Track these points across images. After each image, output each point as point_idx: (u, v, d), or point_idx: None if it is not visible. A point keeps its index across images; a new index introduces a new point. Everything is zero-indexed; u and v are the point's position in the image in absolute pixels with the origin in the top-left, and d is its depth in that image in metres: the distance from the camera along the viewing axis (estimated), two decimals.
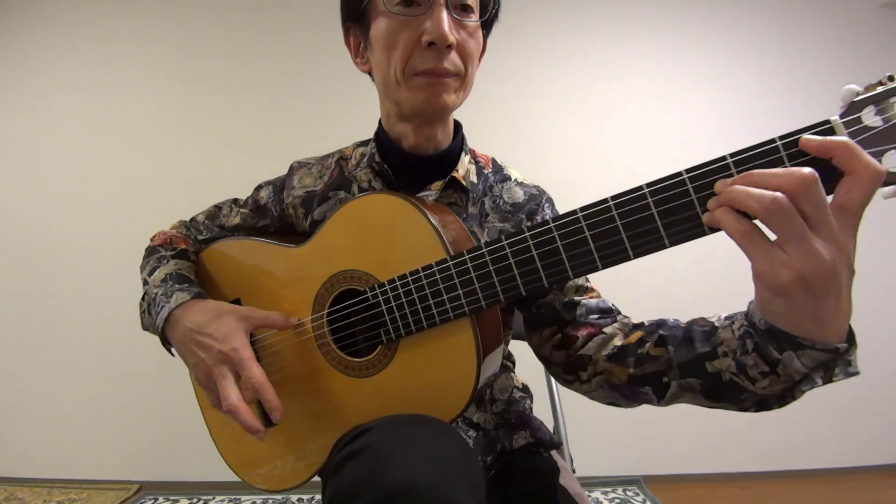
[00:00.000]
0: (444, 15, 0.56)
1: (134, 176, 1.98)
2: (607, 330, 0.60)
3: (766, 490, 1.69)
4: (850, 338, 0.40)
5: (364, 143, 0.75)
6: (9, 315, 2.01)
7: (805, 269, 0.36)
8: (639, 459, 1.78)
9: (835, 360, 0.40)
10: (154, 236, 0.79)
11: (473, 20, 0.60)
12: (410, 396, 0.56)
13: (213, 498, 1.77)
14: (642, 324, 0.58)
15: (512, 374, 0.77)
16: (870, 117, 0.37)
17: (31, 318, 1.99)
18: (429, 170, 0.68)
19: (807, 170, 0.35)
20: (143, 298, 0.70)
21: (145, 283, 0.70)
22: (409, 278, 0.54)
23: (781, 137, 0.38)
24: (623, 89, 1.87)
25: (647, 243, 0.43)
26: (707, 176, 0.40)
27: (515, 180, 0.74)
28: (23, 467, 1.97)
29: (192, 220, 0.80)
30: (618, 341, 0.58)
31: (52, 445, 1.97)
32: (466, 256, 0.51)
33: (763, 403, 0.48)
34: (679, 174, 0.41)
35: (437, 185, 0.67)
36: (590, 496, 1.44)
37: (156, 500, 1.79)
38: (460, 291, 0.51)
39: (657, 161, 1.84)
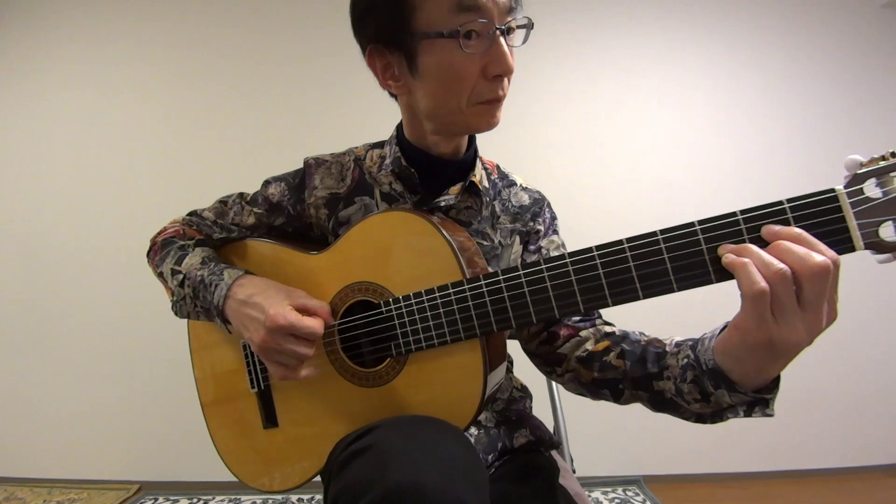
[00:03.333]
0: (506, 48, 0.57)
1: (135, 176, 1.98)
2: (583, 333, 0.67)
3: (766, 490, 1.69)
4: (775, 382, 0.47)
5: (377, 146, 0.75)
6: (9, 315, 2.01)
7: (777, 338, 0.41)
8: (639, 459, 1.78)
9: (758, 402, 0.48)
10: (161, 231, 0.77)
11: (516, 45, 0.62)
12: (415, 410, 0.57)
13: (213, 498, 1.77)
14: (613, 333, 0.65)
15: (511, 374, 0.78)
16: (871, 189, 0.40)
17: (32, 318, 1.99)
18: (448, 175, 0.70)
19: (821, 260, 0.39)
20: (180, 285, 0.67)
21: (174, 272, 0.68)
22: (425, 296, 0.55)
23: (789, 200, 0.42)
24: (623, 90, 1.87)
25: (656, 286, 0.46)
26: (717, 229, 0.44)
27: (520, 185, 0.78)
28: (23, 467, 1.97)
29: (198, 215, 0.78)
30: (589, 346, 0.65)
31: (52, 445, 1.97)
32: (482, 281, 0.53)
33: (700, 418, 0.55)
34: (691, 224, 0.44)
35: (456, 189, 0.68)
36: (590, 496, 1.44)
37: (156, 500, 1.79)
38: (473, 314, 0.53)
39: (657, 162, 1.84)
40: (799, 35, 1.83)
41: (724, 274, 0.43)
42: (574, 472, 0.83)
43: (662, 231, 0.45)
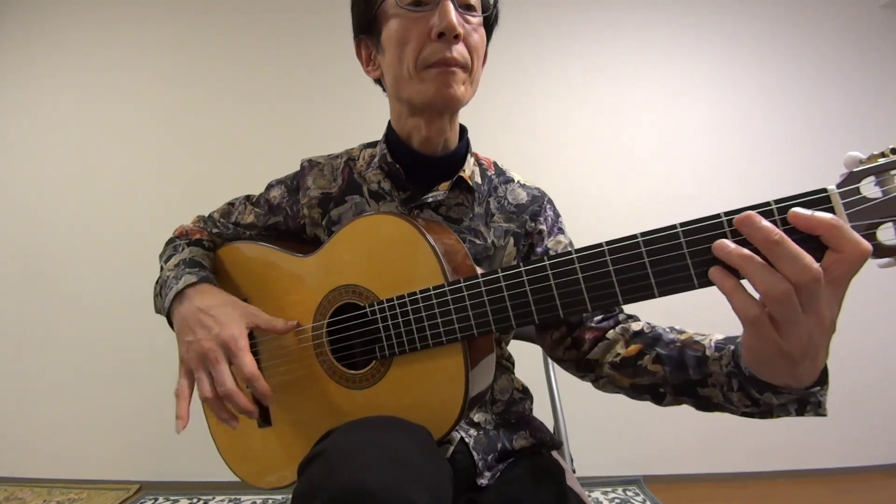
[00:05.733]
0: (451, 7, 0.59)
1: (133, 178, 1.98)
2: (610, 335, 0.65)
3: (766, 490, 1.69)
4: (824, 375, 0.45)
5: (371, 145, 0.76)
6: (9, 315, 2.00)
7: (788, 348, 0.39)
8: (639, 459, 1.78)
9: (808, 397, 0.47)
10: (176, 230, 0.81)
11: (476, 16, 0.63)
12: (399, 412, 0.56)
13: (213, 498, 1.77)
14: (642, 332, 0.62)
15: (512, 375, 0.77)
16: (869, 188, 0.37)
17: (31, 318, 1.99)
18: (436, 171, 0.70)
19: (815, 268, 0.35)
20: (156, 282, 0.73)
21: (161, 269, 0.73)
22: (407, 299, 0.55)
23: (777, 201, 0.38)
24: (625, 91, 1.87)
25: (637, 290, 0.44)
26: (700, 231, 0.41)
27: (518, 182, 0.76)
28: (23, 467, 1.97)
29: (210, 216, 0.82)
30: (620, 349, 0.63)
31: (52, 445, 1.97)
32: (463, 285, 0.52)
33: (748, 415, 0.53)
34: (674, 227, 0.42)
35: (445, 185, 0.69)
36: (590, 496, 1.44)
37: (156, 500, 1.79)
38: (454, 317, 0.53)
39: (658, 162, 1.84)
40: (799, 35, 1.83)
41: (707, 280, 0.41)
42: (574, 472, 0.83)
43: (643, 234, 0.43)
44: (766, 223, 0.37)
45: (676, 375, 0.56)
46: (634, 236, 0.43)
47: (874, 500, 1.59)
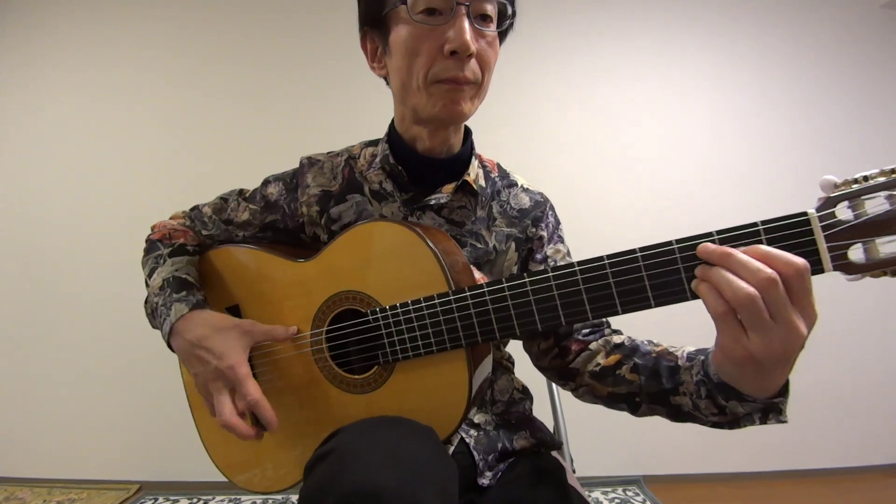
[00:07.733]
0: (467, 24, 0.56)
1: (133, 178, 1.98)
2: (592, 346, 0.67)
3: (766, 490, 1.69)
4: (785, 388, 0.47)
5: (372, 144, 0.75)
6: (8, 315, 2.00)
7: (759, 354, 0.41)
8: (639, 459, 1.78)
9: (770, 408, 0.49)
10: (154, 227, 0.77)
11: (492, 30, 0.61)
12: (402, 416, 0.56)
13: (213, 498, 1.77)
14: (623, 345, 0.65)
15: (512, 375, 0.78)
16: (843, 212, 0.40)
17: (31, 319, 1.99)
18: (440, 172, 0.69)
19: (768, 271, 0.39)
20: (146, 301, 0.70)
21: (147, 283, 0.70)
22: (411, 306, 0.56)
23: (763, 222, 0.42)
24: (626, 91, 1.87)
25: (634, 301, 0.47)
26: (694, 248, 0.44)
27: (521, 186, 0.75)
28: (23, 467, 1.97)
29: (197, 210, 0.78)
30: (600, 359, 0.65)
31: (52, 445, 1.97)
32: (468, 293, 0.53)
33: (717, 425, 0.56)
34: (669, 243, 0.45)
35: (449, 187, 0.68)
36: (590, 496, 1.44)
37: (156, 500, 1.79)
38: (459, 325, 0.54)
39: (658, 162, 1.84)
40: (799, 35, 1.83)
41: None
42: (574, 472, 0.83)
43: (642, 249, 0.46)
44: (714, 246, 0.42)
45: (651, 384, 0.58)
46: (633, 251, 0.46)
47: (874, 500, 1.59)
